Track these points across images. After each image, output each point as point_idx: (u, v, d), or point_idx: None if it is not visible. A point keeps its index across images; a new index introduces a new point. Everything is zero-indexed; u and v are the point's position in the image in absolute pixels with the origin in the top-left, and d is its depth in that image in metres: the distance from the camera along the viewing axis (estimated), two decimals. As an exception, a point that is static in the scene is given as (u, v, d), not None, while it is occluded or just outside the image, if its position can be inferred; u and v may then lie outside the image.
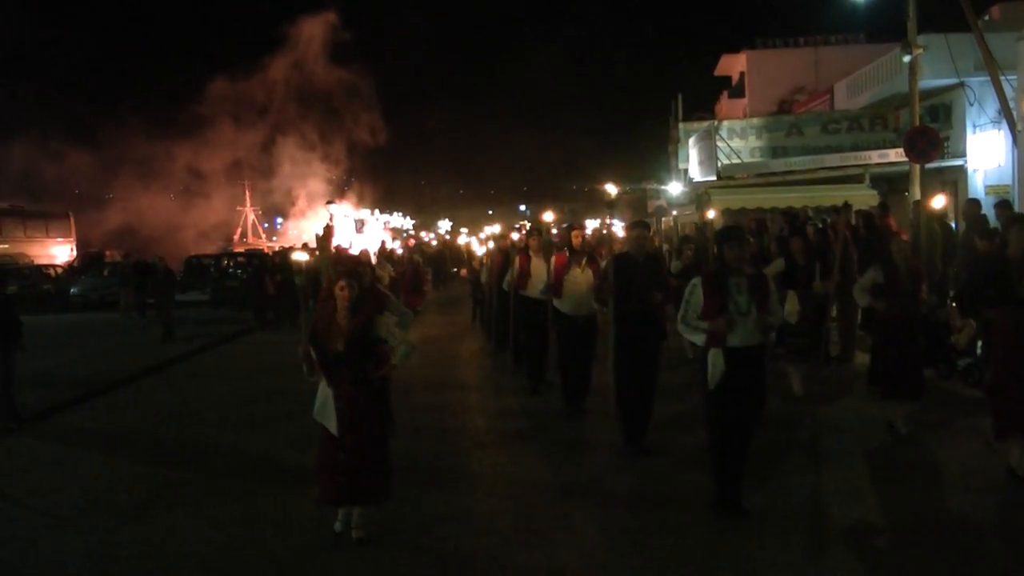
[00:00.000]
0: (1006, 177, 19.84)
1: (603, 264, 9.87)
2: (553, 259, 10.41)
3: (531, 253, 11.68)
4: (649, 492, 7.35)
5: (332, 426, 6.12)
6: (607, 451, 8.52)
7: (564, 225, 11.77)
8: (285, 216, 58.76)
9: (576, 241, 10.27)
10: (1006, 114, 17.42)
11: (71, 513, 7.48)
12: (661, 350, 8.67)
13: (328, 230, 7.35)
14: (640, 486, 7.53)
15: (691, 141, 28.80)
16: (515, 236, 17.44)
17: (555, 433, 9.46)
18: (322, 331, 6.14)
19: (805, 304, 9.08)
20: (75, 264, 39.86)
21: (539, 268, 11.32)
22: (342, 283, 6.11)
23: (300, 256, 8.53)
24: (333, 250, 20.81)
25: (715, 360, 6.30)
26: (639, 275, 8.24)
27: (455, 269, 39.89)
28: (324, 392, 6.22)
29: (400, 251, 28.83)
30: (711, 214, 16.22)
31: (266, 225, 72.96)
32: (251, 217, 70.86)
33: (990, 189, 20.01)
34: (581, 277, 9.93)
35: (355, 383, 6.12)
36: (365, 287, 6.34)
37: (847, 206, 12.53)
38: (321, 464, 6.28)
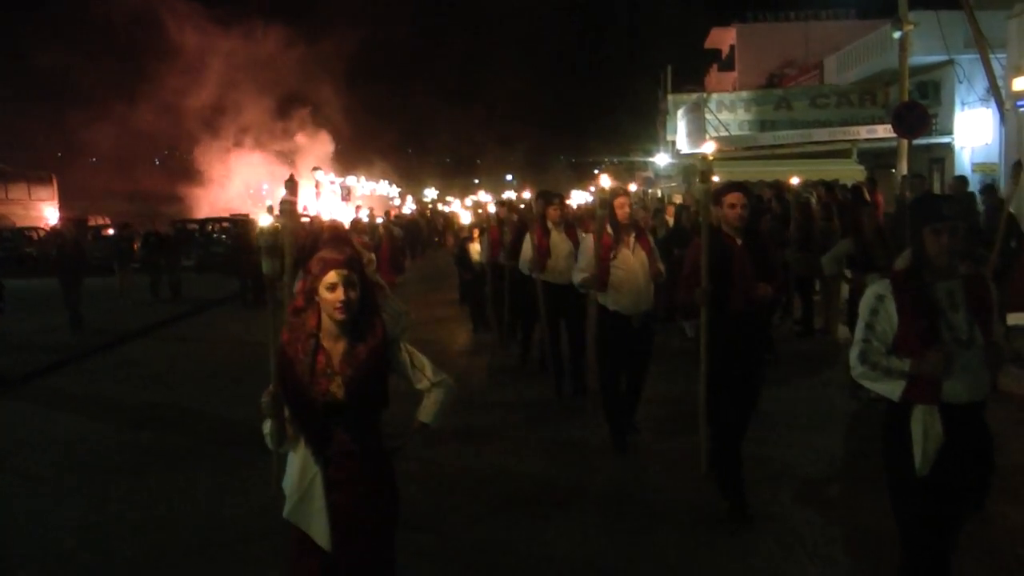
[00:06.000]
0: (993, 155, 19.86)
1: (652, 241, 7.80)
2: (588, 238, 7.80)
3: (550, 226, 9.36)
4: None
5: (320, 534, 3.53)
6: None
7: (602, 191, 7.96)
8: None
9: (622, 213, 7.43)
10: (995, 92, 17.47)
11: (53, 476, 7.48)
12: (766, 368, 6.31)
13: (293, 184, 3.76)
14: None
15: (679, 113, 28.77)
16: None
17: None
18: (301, 365, 3.52)
19: None
20: (58, 227, 39.61)
21: (561, 245, 9.15)
22: (334, 276, 3.46)
23: (266, 223, 4.14)
24: (309, 220, 18.40)
25: (929, 424, 3.73)
26: (740, 262, 5.80)
27: (436, 239, 39.78)
28: (303, 473, 3.57)
29: (379, 220, 28.07)
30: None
31: (252, 191, 72.42)
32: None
33: (977, 167, 20.06)
34: (633, 260, 7.36)
35: (360, 457, 3.57)
36: (369, 283, 3.72)
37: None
38: None
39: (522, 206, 13.44)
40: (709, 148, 5.90)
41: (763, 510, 5.93)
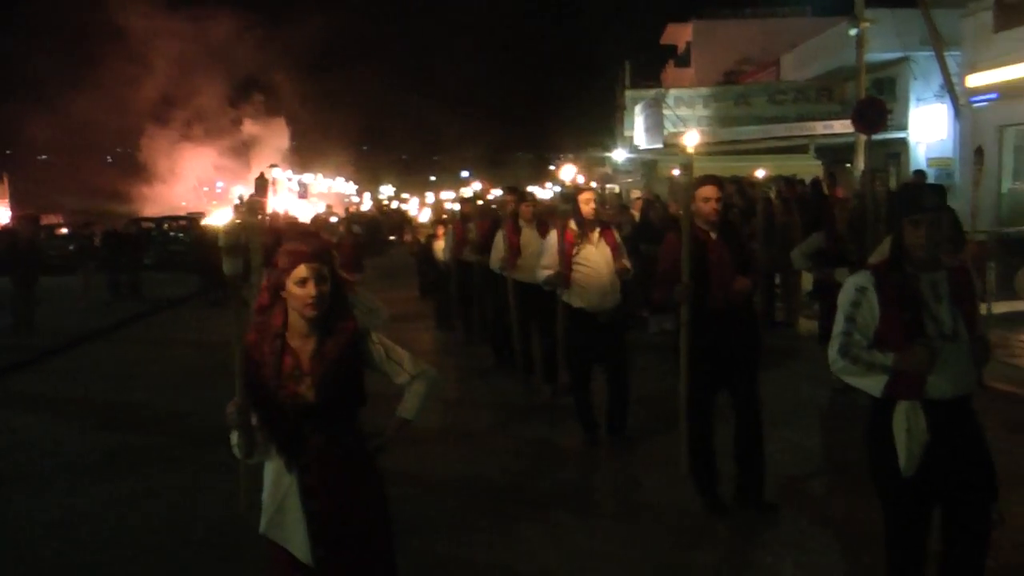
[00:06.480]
0: (947, 150, 20.28)
1: (617, 236, 7.64)
2: (552, 234, 7.67)
3: (522, 223, 9.32)
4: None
5: (300, 548, 3.30)
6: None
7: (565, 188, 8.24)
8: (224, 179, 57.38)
9: (587, 208, 7.32)
10: (949, 88, 17.83)
11: (21, 479, 7.36)
12: (758, 367, 5.99)
13: (263, 182, 3.28)
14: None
15: (637, 109, 28.81)
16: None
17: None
18: (268, 368, 3.30)
19: None
20: (10, 226, 38.90)
21: (531, 243, 9.02)
22: (304, 271, 3.25)
23: (221, 220, 3.72)
24: (267, 216, 17.82)
25: (913, 422, 3.59)
26: (717, 257, 5.71)
27: (392, 237, 39.62)
28: (278, 484, 3.36)
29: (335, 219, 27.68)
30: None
31: (206, 189, 71.55)
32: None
33: (932, 162, 20.46)
34: (597, 256, 7.25)
35: (338, 461, 3.35)
36: (338, 279, 3.46)
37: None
38: None
39: (479, 202, 13.30)
40: (693, 139, 5.73)
41: (739, 506, 5.97)
